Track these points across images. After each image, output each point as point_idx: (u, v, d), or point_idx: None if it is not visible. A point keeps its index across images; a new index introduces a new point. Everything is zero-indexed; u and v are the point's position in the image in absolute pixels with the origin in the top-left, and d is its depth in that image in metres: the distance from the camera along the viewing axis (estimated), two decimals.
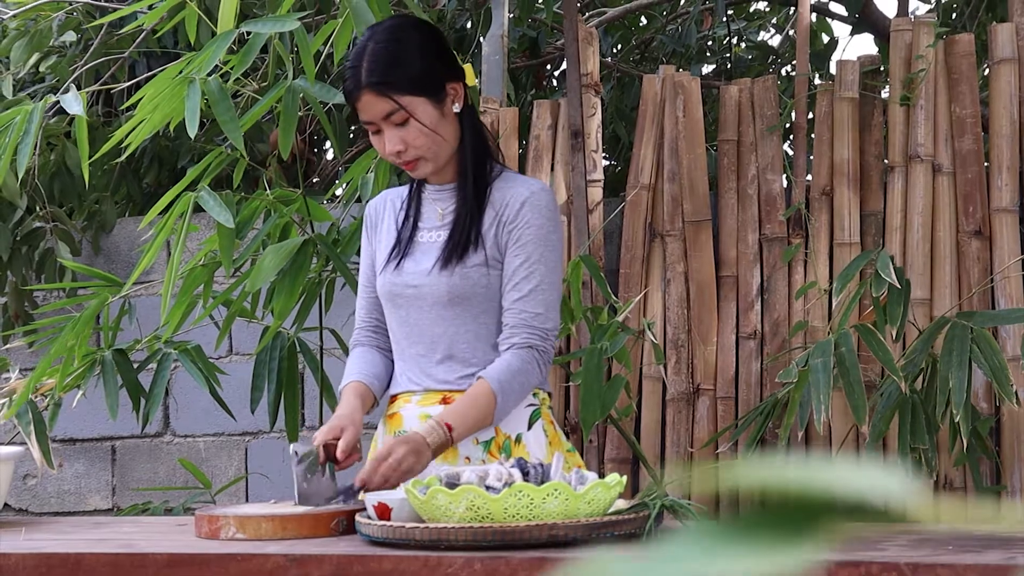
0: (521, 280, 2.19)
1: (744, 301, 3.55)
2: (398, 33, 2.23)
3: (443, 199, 2.29)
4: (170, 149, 4.74)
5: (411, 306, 2.25)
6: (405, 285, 2.25)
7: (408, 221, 2.30)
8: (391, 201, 2.37)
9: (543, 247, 2.20)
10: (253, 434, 4.36)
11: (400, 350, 2.30)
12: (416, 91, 2.18)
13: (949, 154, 3.44)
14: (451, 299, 2.20)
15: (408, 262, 2.26)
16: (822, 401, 2.44)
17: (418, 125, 2.18)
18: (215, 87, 2.38)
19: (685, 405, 3.53)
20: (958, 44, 3.49)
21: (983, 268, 3.37)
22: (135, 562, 1.78)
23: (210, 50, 2.35)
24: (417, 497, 1.76)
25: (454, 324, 2.22)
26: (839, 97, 3.53)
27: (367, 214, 2.40)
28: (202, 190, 2.62)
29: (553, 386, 3.61)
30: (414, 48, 2.21)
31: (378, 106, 2.17)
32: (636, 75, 4.80)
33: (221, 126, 2.41)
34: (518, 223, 2.20)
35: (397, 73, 2.17)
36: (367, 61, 2.17)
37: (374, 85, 2.16)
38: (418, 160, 2.21)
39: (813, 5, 5.06)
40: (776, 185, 3.57)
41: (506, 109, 3.78)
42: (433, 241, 2.26)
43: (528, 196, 2.21)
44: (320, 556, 1.72)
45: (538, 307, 2.18)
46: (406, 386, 2.28)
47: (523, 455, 2.19)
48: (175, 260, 2.63)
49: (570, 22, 3.61)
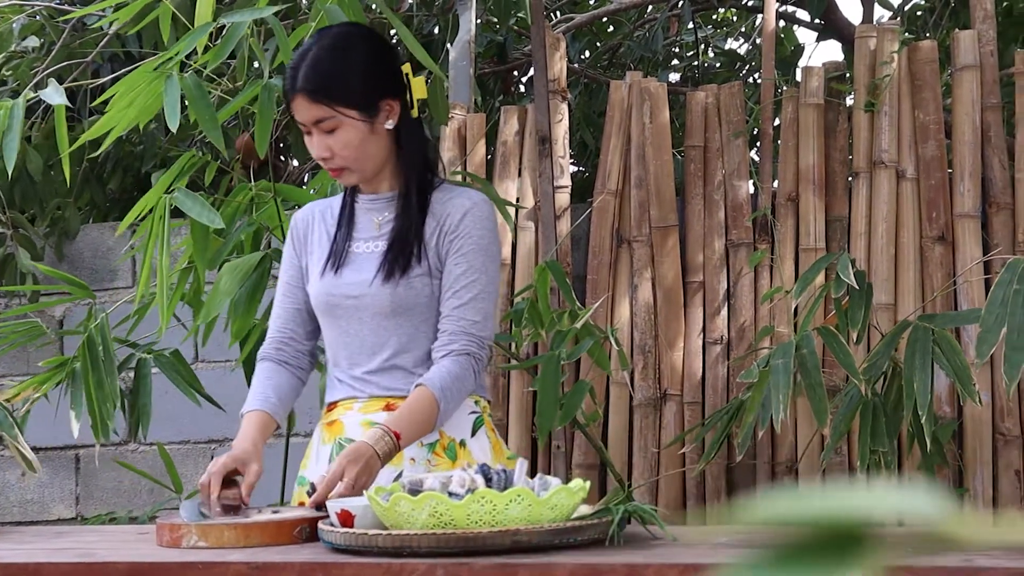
0: (462, 288, 2.21)
1: (711, 306, 3.56)
2: (344, 43, 2.24)
3: (378, 209, 2.30)
4: (134, 154, 4.71)
5: (351, 316, 2.25)
6: (344, 296, 2.25)
7: (342, 231, 2.31)
8: (320, 212, 2.38)
9: (484, 257, 2.23)
10: (219, 441, 4.33)
11: (338, 359, 2.30)
12: (348, 105, 2.19)
13: (913, 160, 3.46)
14: (394, 309, 2.22)
15: (346, 272, 2.26)
16: (781, 401, 2.45)
17: (345, 136, 2.19)
18: (192, 83, 2.37)
19: (652, 410, 3.54)
20: (921, 51, 3.51)
21: (946, 273, 3.40)
22: (95, 571, 1.77)
23: (184, 42, 2.35)
24: (380, 504, 1.75)
25: (396, 333, 2.24)
26: (804, 103, 3.54)
27: (294, 226, 2.39)
28: (178, 192, 2.60)
29: (519, 392, 3.61)
30: (356, 61, 2.22)
31: (309, 111, 2.19)
32: (604, 81, 4.81)
33: (199, 123, 2.40)
34: (460, 233, 2.22)
35: (333, 83, 2.19)
36: (307, 65, 2.18)
37: (308, 91, 2.17)
38: (343, 169, 2.23)
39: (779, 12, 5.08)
40: (742, 191, 3.58)
41: (473, 115, 3.78)
42: (371, 251, 2.27)
43: (470, 207, 2.24)
44: (282, 564, 1.71)
45: (476, 315, 2.21)
46: (347, 393, 2.28)
47: (467, 458, 2.23)
48: (163, 265, 2.60)
49: (537, 28, 3.61)
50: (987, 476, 3.31)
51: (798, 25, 5.37)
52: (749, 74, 5.55)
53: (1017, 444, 3.32)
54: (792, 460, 3.43)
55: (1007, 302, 2.37)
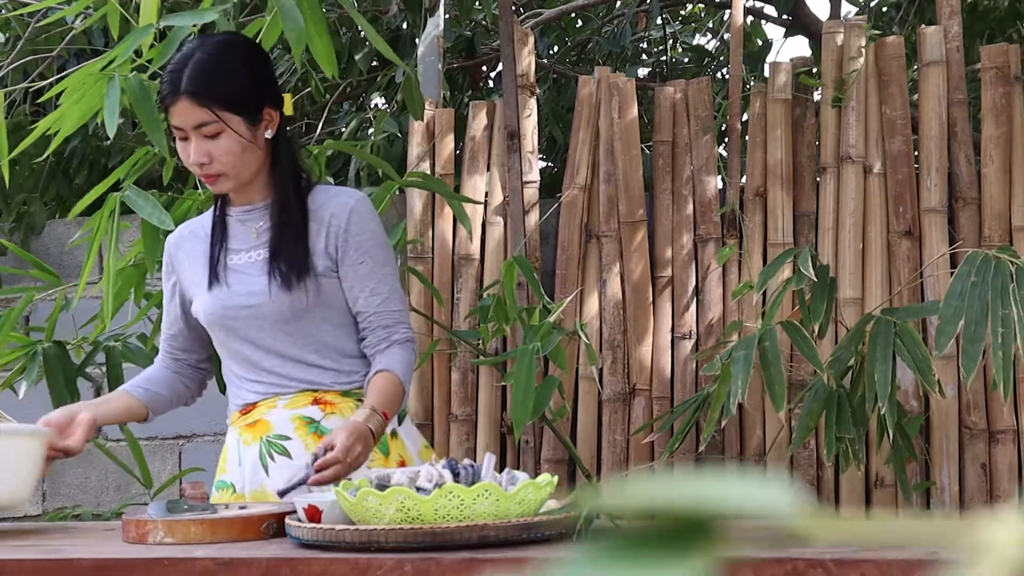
0: (376, 284, 2.27)
1: (679, 301, 3.57)
2: (226, 48, 2.26)
3: (253, 219, 2.32)
4: (101, 149, 4.68)
5: (249, 326, 2.27)
6: (240, 307, 2.26)
7: (217, 245, 2.32)
8: (190, 232, 2.39)
9: (383, 250, 2.30)
10: (187, 437, 4.31)
11: (244, 366, 2.31)
12: (234, 109, 2.20)
13: (880, 155, 3.48)
14: (294, 314, 2.25)
15: (235, 284, 2.28)
16: (740, 387, 2.47)
17: (227, 142, 2.20)
18: (136, 84, 2.35)
19: (621, 405, 3.54)
20: (888, 47, 3.53)
21: (913, 268, 3.42)
22: (60, 568, 1.75)
23: (126, 43, 2.32)
24: (347, 499, 1.75)
25: (300, 336, 2.27)
26: (772, 99, 3.55)
27: (167, 251, 2.41)
28: (127, 189, 2.58)
29: (488, 387, 3.61)
30: (239, 66, 2.24)
31: (193, 115, 2.18)
32: (572, 76, 4.81)
33: (142, 124, 2.38)
34: (351, 231, 2.26)
35: (219, 87, 2.20)
36: (191, 69, 2.18)
37: (193, 94, 2.17)
38: (220, 175, 2.23)
39: (747, 8, 5.10)
40: (711, 186, 3.59)
41: (442, 110, 3.77)
42: (252, 261, 2.29)
43: (353, 204, 2.28)
44: (249, 559, 1.70)
45: (399, 305, 2.30)
46: (265, 391, 2.29)
47: (400, 449, 2.29)
48: (111, 262, 2.59)
49: (505, 23, 3.61)
50: (953, 470, 3.33)
51: (766, 21, 5.39)
52: (717, 69, 5.57)
53: (983, 438, 3.34)
54: (760, 453, 3.44)
55: (965, 295, 2.39)
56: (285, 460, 2.24)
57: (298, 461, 2.22)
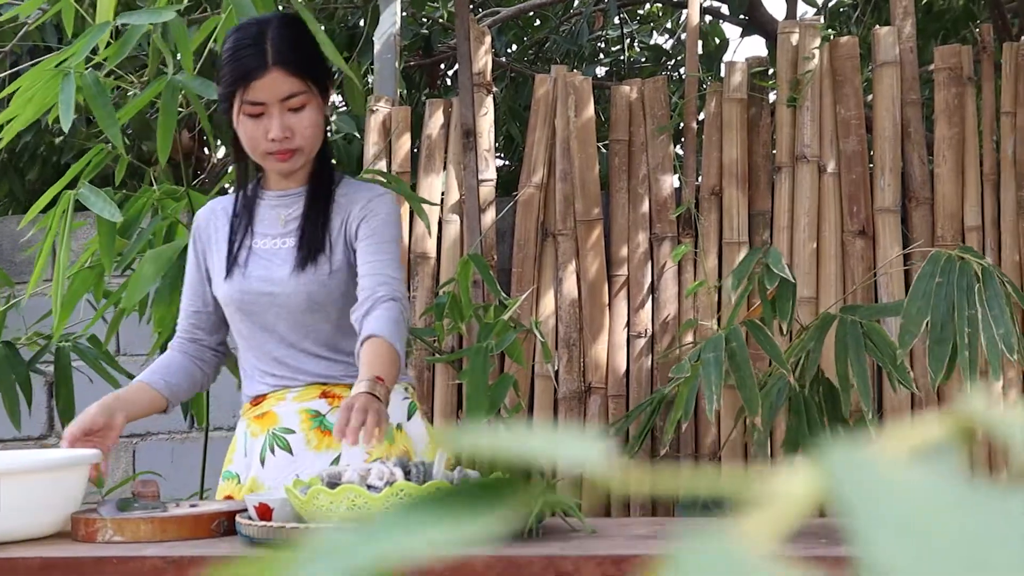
0: (375, 248, 2.19)
1: (635, 300, 3.57)
2: (298, 23, 2.24)
3: (285, 205, 2.28)
4: (54, 146, 4.63)
5: (266, 312, 2.23)
6: (258, 293, 2.22)
7: (245, 229, 2.28)
8: (222, 210, 2.34)
9: (393, 229, 2.23)
10: (141, 436, 4.28)
11: (258, 354, 2.27)
12: (319, 81, 2.19)
13: (834, 155, 3.50)
14: (310, 305, 2.21)
15: (255, 269, 2.24)
16: (714, 392, 2.47)
17: (310, 115, 2.17)
18: (91, 80, 2.33)
19: (577, 403, 3.55)
20: (842, 47, 3.55)
21: (867, 267, 3.44)
22: (6, 567, 1.73)
23: (83, 40, 2.30)
24: (298, 497, 1.74)
25: (315, 328, 2.23)
26: (728, 98, 3.57)
27: (196, 226, 2.35)
28: (82, 187, 2.56)
29: (444, 385, 3.60)
30: (313, 41, 2.23)
31: (285, 85, 2.13)
32: (529, 75, 4.81)
33: (98, 122, 2.35)
34: (366, 214, 2.22)
35: (306, 58, 2.18)
36: (276, 41, 2.14)
37: (285, 64, 2.13)
38: (297, 151, 2.19)
39: (703, 8, 5.12)
40: (666, 185, 3.60)
41: (398, 108, 3.76)
42: (277, 248, 2.25)
43: (373, 196, 2.25)
44: (198, 558, 1.69)
45: (393, 271, 2.19)
46: (276, 383, 2.26)
47: (407, 443, 2.22)
48: (62, 261, 2.57)
49: (462, 21, 3.60)
50: None
51: (722, 20, 5.41)
52: (674, 69, 5.59)
53: None
54: (715, 451, 3.45)
55: (929, 295, 2.40)
56: (284, 455, 2.21)
57: (298, 456, 2.19)
